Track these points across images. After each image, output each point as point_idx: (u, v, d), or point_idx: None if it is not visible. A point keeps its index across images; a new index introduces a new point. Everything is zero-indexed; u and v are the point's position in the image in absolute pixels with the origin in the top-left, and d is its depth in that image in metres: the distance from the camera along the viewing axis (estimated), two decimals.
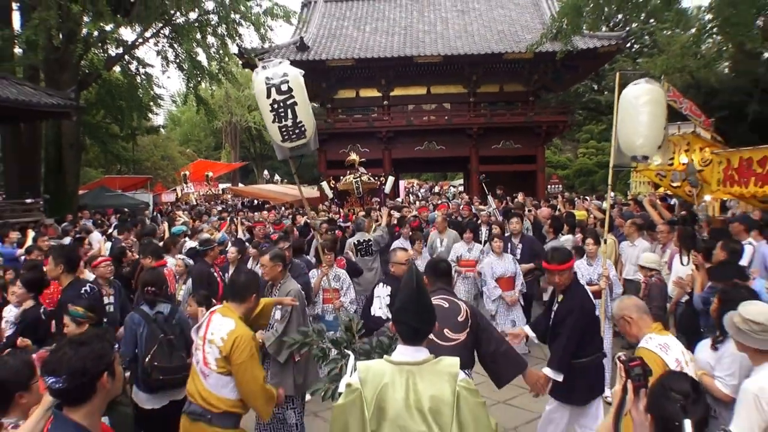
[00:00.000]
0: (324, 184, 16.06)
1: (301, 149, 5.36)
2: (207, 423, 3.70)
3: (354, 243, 9.39)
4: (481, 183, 15.38)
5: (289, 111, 5.10)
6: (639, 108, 5.51)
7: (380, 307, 4.61)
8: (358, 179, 14.41)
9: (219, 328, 3.75)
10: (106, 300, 5.88)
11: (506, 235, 9.15)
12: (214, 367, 3.69)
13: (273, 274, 5.52)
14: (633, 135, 5.60)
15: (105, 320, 4.60)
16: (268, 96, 5.07)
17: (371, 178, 14.96)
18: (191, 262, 7.74)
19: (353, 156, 15.34)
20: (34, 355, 3.12)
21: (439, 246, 9.77)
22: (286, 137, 5.20)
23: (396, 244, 9.52)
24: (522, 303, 8.47)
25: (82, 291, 5.03)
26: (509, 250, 8.76)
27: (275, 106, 5.09)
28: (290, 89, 5.07)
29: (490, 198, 14.50)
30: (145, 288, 4.92)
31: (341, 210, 15.04)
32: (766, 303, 3.36)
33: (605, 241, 6.51)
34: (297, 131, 5.18)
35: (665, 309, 6.36)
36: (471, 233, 9.18)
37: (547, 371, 4.50)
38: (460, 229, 9.99)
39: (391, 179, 16.09)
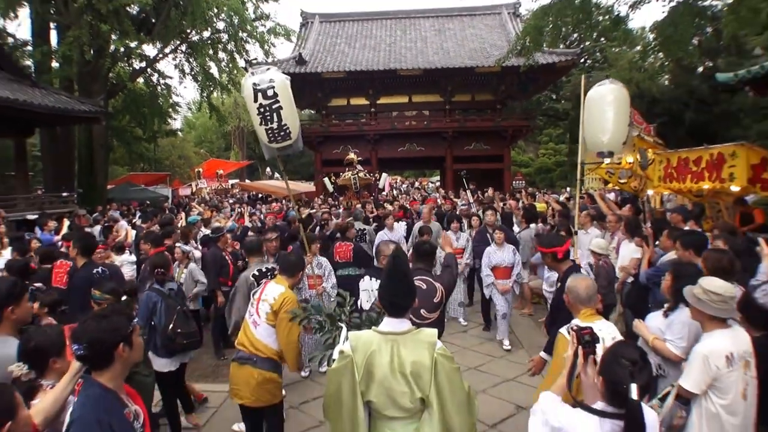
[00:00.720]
0: (326, 179, 16.06)
1: (286, 149, 5.23)
2: (252, 365, 3.97)
3: None
4: (461, 179, 15.42)
5: (274, 114, 4.93)
6: (605, 106, 5.28)
7: (368, 300, 4.40)
8: (356, 176, 14.38)
9: (273, 290, 4.08)
10: None
11: (482, 226, 8.98)
12: (264, 318, 4.01)
13: (249, 259, 5.61)
14: (599, 132, 5.36)
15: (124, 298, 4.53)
16: (255, 100, 4.90)
17: (367, 175, 14.97)
18: (187, 248, 7.59)
19: (351, 155, 15.29)
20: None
21: None
22: (272, 138, 5.06)
23: (380, 235, 9.44)
24: (516, 291, 7.96)
25: (94, 272, 5.07)
26: (490, 240, 8.27)
27: (261, 109, 4.92)
28: (276, 94, 4.89)
29: (468, 193, 14.47)
30: (155, 270, 4.92)
31: (339, 204, 15.00)
32: None
33: (576, 233, 6.22)
34: (282, 133, 5.03)
35: (609, 288, 6.31)
36: (458, 223, 8.88)
37: (544, 355, 4.20)
38: (441, 220, 9.88)
39: (384, 176, 16.08)
